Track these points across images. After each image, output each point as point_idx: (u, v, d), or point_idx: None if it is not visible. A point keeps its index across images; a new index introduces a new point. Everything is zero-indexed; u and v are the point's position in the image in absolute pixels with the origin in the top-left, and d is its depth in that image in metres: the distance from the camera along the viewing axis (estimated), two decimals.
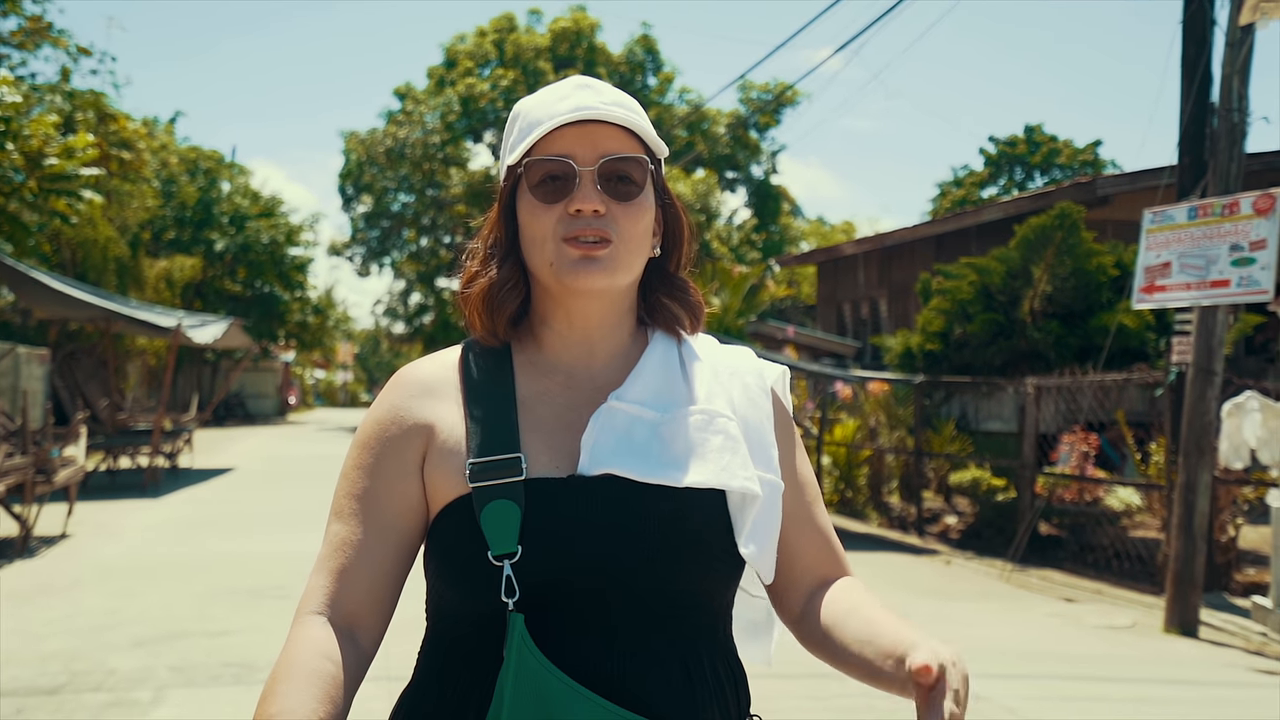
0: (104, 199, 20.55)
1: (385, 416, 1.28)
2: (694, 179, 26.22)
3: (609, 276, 1.24)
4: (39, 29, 16.65)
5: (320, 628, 1.19)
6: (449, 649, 1.23)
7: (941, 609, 7.71)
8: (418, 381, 1.31)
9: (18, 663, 5.65)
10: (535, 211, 1.25)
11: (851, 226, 41.23)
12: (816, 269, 22.24)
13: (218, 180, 32.91)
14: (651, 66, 31.17)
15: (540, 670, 1.12)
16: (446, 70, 29.93)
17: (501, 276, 1.30)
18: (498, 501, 1.18)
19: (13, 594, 7.47)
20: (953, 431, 12.60)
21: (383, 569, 1.23)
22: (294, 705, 1.08)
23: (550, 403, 1.28)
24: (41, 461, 9.41)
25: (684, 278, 1.38)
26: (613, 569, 1.17)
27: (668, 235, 1.36)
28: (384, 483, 1.25)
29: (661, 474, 1.21)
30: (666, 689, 1.17)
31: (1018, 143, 41.45)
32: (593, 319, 1.30)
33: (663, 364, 1.33)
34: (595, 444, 1.22)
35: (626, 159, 1.25)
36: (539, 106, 1.28)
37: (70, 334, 19.21)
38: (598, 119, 1.24)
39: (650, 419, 1.26)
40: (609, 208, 1.24)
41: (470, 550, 1.17)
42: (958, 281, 11.35)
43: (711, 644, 1.24)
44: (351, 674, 1.17)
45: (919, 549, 10.79)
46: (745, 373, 1.37)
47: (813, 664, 4.89)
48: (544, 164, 1.25)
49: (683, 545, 1.20)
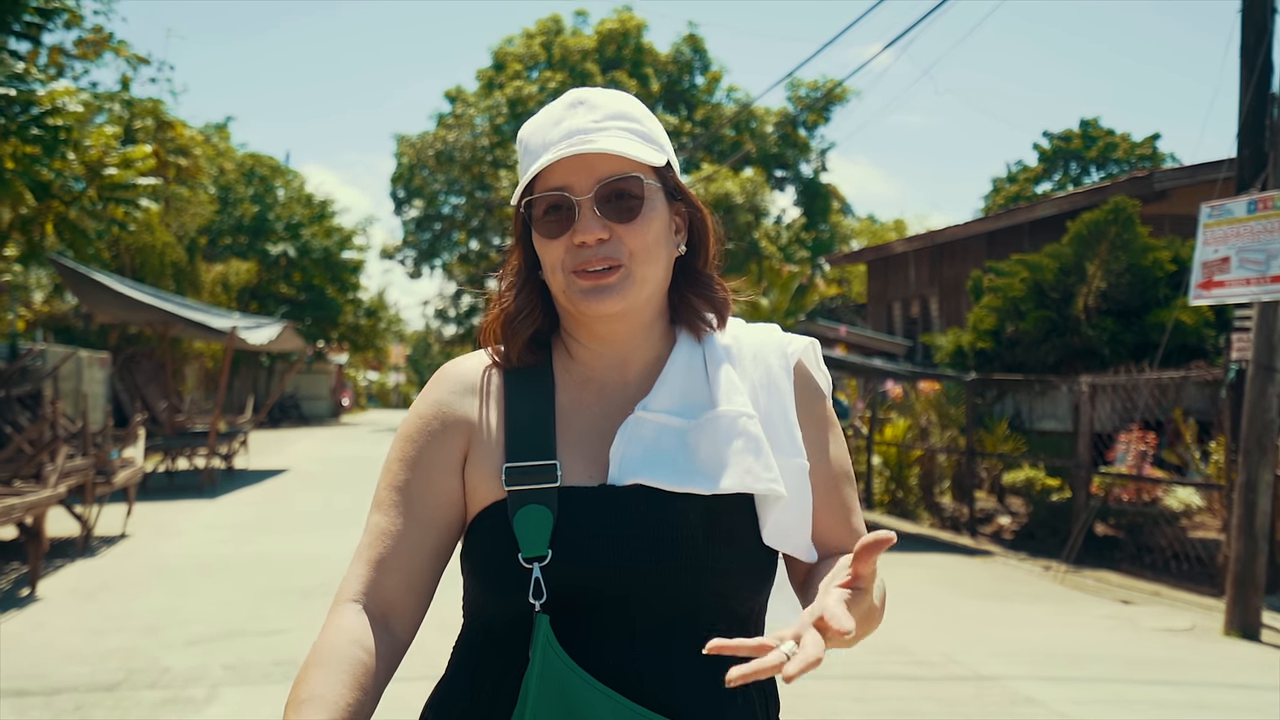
0: (161, 206, 20.98)
1: (429, 411, 1.31)
2: (742, 178, 26.11)
3: (623, 300, 1.24)
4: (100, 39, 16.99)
5: (355, 616, 1.21)
6: (480, 647, 1.25)
7: (992, 610, 7.60)
8: (459, 379, 1.33)
9: (78, 660, 5.78)
10: (543, 245, 1.27)
11: (903, 224, 40.84)
12: (866, 267, 22.05)
13: (273, 186, 33.42)
14: (699, 65, 31.12)
15: (564, 670, 1.13)
16: (495, 73, 30.13)
17: (516, 307, 1.32)
18: (531, 506, 1.20)
19: (74, 592, 7.64)
20: (1006, 431, 12.42)
21: (420, 560, 1.25)
22: (324, 691, 1.11)
23: (585, 413, 1.30)
24: (101, 463, 9.62)
25: (711, 273, 1.37)
26: (639, 576, 1.18)
27: (692, 233, 1.35)
28: (424, 476, 1.27)
29: (689, 482, 1.22)
30: (690, 691, 1.18)
31: (1073, 137, 40.80)
32: (620, 334, 1.31)
33: (686, 369, 1.32)
34: (624, 455, 1.23)
35: (622, 179, 1.24)
36: (535, 134, 1.29)
37: (130, 338, 19.62)
38: (585, 151, 1.22)
39: (677, 427, 1.26)
40: (613, 230, 1.24)
41: (502, 552, 1.20)
42: (1009, 279, 11.20)
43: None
44: (384, 662, 1.19)
45: (971, 550, 10.66)
46: (769, 352, 1.36)
47: (859, 664, 4.84)
48: (543, 199, 1.25)
49: (710, 553, 1.21)
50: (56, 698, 5.10)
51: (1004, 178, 42.33)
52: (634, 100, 1.34)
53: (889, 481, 13.71)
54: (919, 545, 10.87)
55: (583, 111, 1.27)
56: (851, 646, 1.14)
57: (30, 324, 18.90)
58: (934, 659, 6.04)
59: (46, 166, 10.41)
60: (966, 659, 6.05)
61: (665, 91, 30.09)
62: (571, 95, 1.31)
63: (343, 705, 1.10)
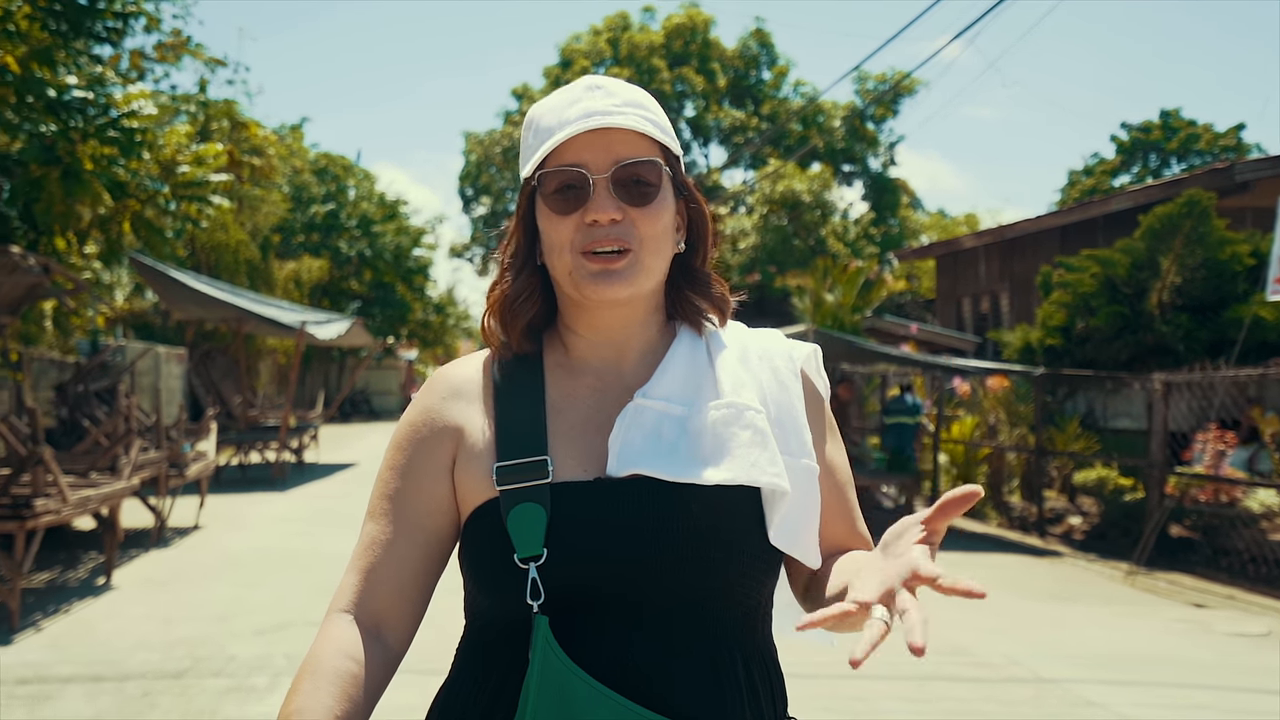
0: (234, 204, 21.46)
1: (417, 419, 1.30)
2: (809, 174, 25.90)
3: (629, 286, 1.23)
4: (179, 43, 17.41)
5: (346, 626, 1.21)
6: (482, 649, 1.24)
7: (1057, 612, 7.45)
8: (448, 384, 1.32)
9: (147, 647, 5.94)
10: (552, 222, 1.24)
11: (974, 219, 40.11)
12: (935, 263, 21.73)
13: (345, 185, 33.99)
14: (766, 60, 30.92)
15: (564, 671, 1.12)
16: (562, 70, 30.29)
17: (516, 288, 1.30)
18: (524, 505, 1.18)
19: (147, 581, 7.86)
20: (1077, 429, 12.16)
21: (411, 569, 1.25)
22: (312, 704, 1.12)
23: (579, 405, 1.28)
24: (174, 456, 9.87)
25: (708, 271, 1.36)
26: (640, 571, 1.16)
27: (691, 231, 1.33)
28: (414, 483, 1.26)
29: (690, 473, 1.19)
30: (692, 690, 1.16)
31: (1153, 128, 39.71)
32: (617, 323, 1.29)
33: (689, 358, 1.30)
34: (623, 444, 1.21)
35: (641, 163, 1.23)
36: (550, 113, 1.26)
37: (206, 334, 20.10)
38: (608, 126, 1.22)
39: (678, 415, 1.24)
40: (626, 213, 1.22)
41: (497, 553, 1.18)
42: (1079, 274, 10.96)
43: (745, 644, 1.22)
44: (376, 672, 1.19)
45: (1038, 550, 10.46)
46: (775, 355, 1.35)
47: (916, 665, 4.76)
48: (558, 174, 1.23)
49: (712, 545, 1.18)
50: (126, 684, 5.25)
51: (1080, 171, 41.38)
52: (647, 94, 1.33)
53: (955, 479, 13.51)
54: (985, 545, 10.70)
55: (601, 95, 1.26)
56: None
57: (111, 321, 19.47)
58: (994, 660, 5.94)
59: (123, 167, 10.70)
60: (1027, 660, 5.94)
61: (731, 86, 29.97)
62: (589, 79, 1.30)
63: (330, 718, 1.11)
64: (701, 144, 30.55)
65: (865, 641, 0.92)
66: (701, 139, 30.35)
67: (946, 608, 7.37)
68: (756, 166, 29.53)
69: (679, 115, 29.47)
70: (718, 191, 29.14)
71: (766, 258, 24.75)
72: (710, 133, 29.90)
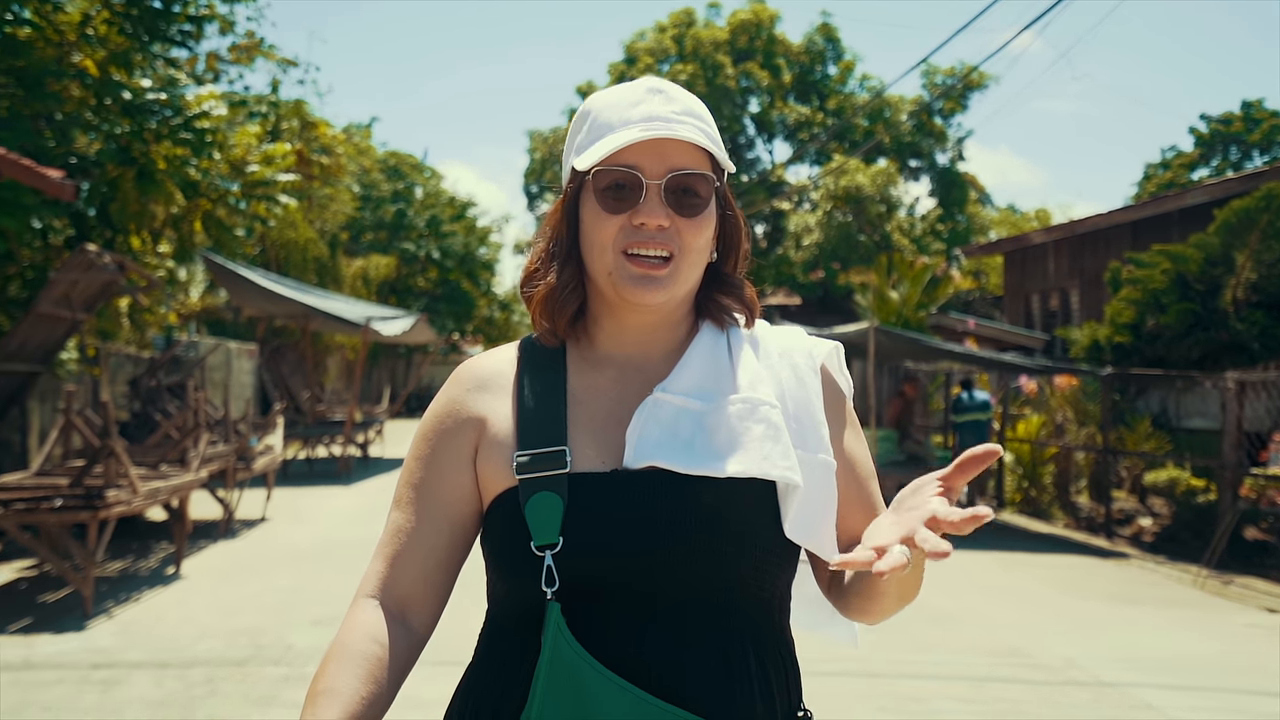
0: (304, 201, 21.86)
1: (442, 410, 1.33)
2: (875, 169, 25.62)
3: (667, 293, 1.25)
4: (252, 45, 17.78)
5: (371, 611, 1.25)
6: (502, 635, 1.27)
7: (1122, 614, 7.29)
8: (473, 377, 1.35)
9: (212, 635, 6.10)
10: (599, 218, 1.26)
11: (1046, 214, 39.33)
12: (1003, 259, 21.35)
13: (412, 184, 34.44)
14: (832, 55, 30.65)
15: (574, 658, 1.14)
16: (627, 67, 30.33)
17: (563, 280, 1.31)
18: (542, 494, 1.21)
19: (214, 571, 8.06)
20: (1149, 428, 11.88)
21: (435, 556, 1.28)
22: (339, 685, 1.16)
23: (601, 397, 1.30)
24: (242, 450, 10.10)
25: (739, 277, 1.37)
26: (653, 561, 1.18)
27: (724, 239, 1.35)
28: (438, 473, 1.30)
29: (704, 465, 1.21)
30: (703, 680, 1.17)
31: (1233, 120, 38.56)
32: (646, 325, 1.32)
33: (710, 354, 1.32)
34: (640, 437, 1.23)
35: (694, 174, 1.25)
36: (610, 109, 1.28)
37: (276, 330, 20.51)
38: (670, 136, 1.23)
39: (696, 409, 1.26)
40: (674, 221, 1.24)
41: (515, 540, 1.21)
42: (1149, 270, 10.70)
43: (759, 636, 1.23)
44: (400, 655, 1.23)
45: (1106, 551, 10.24)
46: (795, 352, 1.36)
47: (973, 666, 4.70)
48: (611, 172, 1.25)
49: (724, 537, 1.20)
50: (191, 670, 5.40)
51: (1156, 165, 40.36)
52: (702, 104, 1.35)
53: (1021, 479, 13.28)
54: (1051, 546, 10.51)
55: (661, 100, 1.27)
56: (891, 608, 1.24)
57: (185, 317, 19.96)
58: (1053, 663, 5.84)
59: (195, 166, 10.97)
60: (1087, 663, 5.82)
61: (797, 82, 29.75)
62: (649, 82, 1.31)
63: (357, 698, 1.15)
64: (766, 140, 30.40)
65: (885, 563, 0.95)
66: (766, 135, 30.19)
67: (1007, 609, 7.26)
68: (821, 163, 29.30)
69: (743, 111, 29.34)
70: (782, 187, 28.98)
71: (831, 254, 24.55)
72: (775, 128, 29.72)
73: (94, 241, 11.02)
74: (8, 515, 6.44)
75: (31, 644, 5.87)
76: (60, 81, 10.37)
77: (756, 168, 30.28)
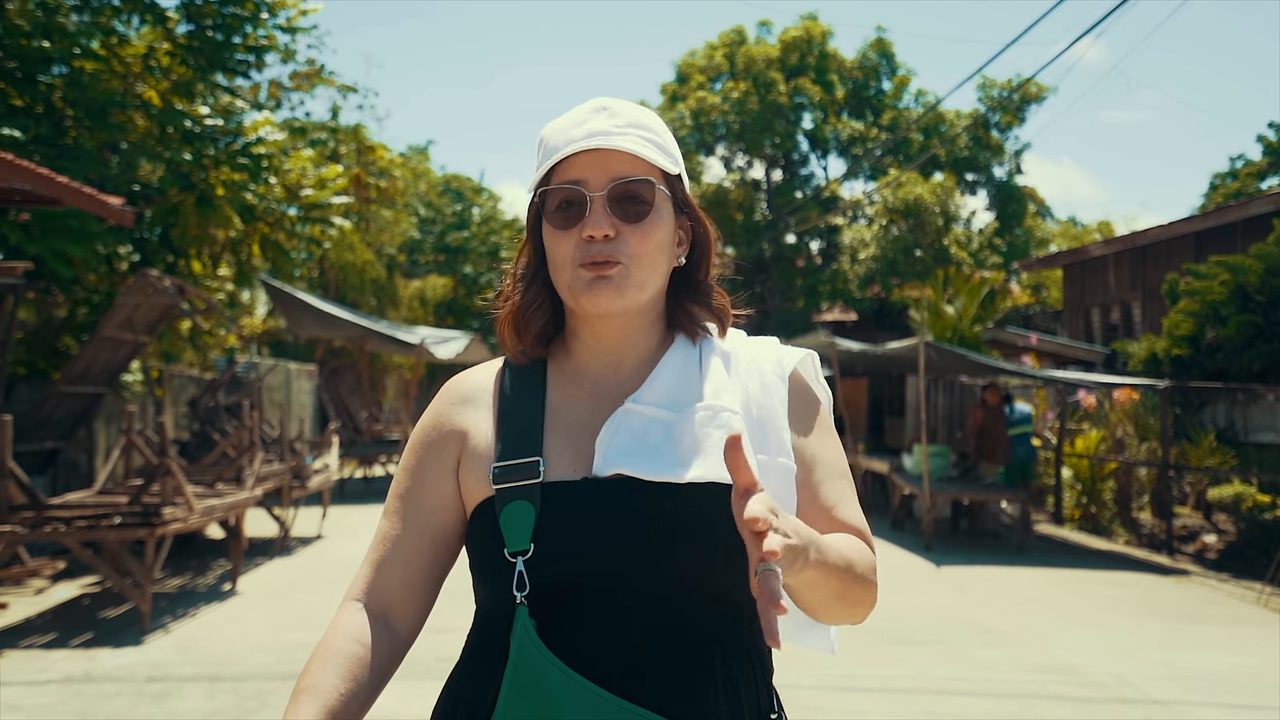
0: (361, 224, 22.23)
1: (428, 424, 1.40)
2: (931, 183, 25.37)
3: (620, 297, 1.28)
4: (313, 72, 18.20)
5: (355, 613, 1.31)
6: (480, 636, 1.32)
7: (1179, 633, 7.13)
8: (458, 392, 1.41)
9: (264, 650, 6.22)
10: (554, 237, 1.31)
11: (1108, 226, 38.65)
12: (1063, 272, 21.02)
13: (471, 206, 34.83)
14: (886, 70, 30.44)
15: (540, 660, 1.19)
16: (679, 85, 30.38)
17: (527, 300, 1.37)
18: (516, 502, 1.26)
19: (269, 588, 8.21)
20: (1213, 443, 11.60)
21: (418, 562, 1.34)
22: (319, 683, 1.22)
23: (577, 409, 1.35)
24: (297, 468, 10.28)
25: (710, 283, 1.41)
26: (620, 566, 1.22)
27: (694, 245, 1.39)
28: (422, 483, 1.36)
29: (667, 471, 1.25)
30: (666, 682, 1.20)
31: None
32: (616, 333, 1.35)
33: (681, 365, 1.36)
34: (609, 446, 1.27)
35: (635, 181, 1.29)
36: (557, 133, 1.33)
37: (334, 351, 20.88)
38: (606, 147, 1.28)
39: (665, 419, 1.30)
40: (619, 230, 1.28)
41: (491, 548, 1.27)
42: (1208, 282, 10.49)
43: (725, 639, 1.25)
44: (383, 655, 1.29)
45: (1166, 569, 10.01)
46: (763, 360, 1.40)
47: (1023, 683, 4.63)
48: (559, 191, 1.30)
49: (687, 541, 1.23)
50: (243, 684, 5.51)
51: (1224, 174, 39.45)
52: (654, 115, 1.38)
53: (1080, 495, 13.04)
54: (1109, 563, 10.30)
55: (605, 116, 1.32)
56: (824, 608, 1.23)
57: (246, 339, 20.40)
58: (1104, 681, 5.73)
59: (251, 191, 11.25)
60: (1139, 682, 5.71)
61: (850, 97, 29.60)
62: (596, 101, 1.35)
63: (336, 695, 1.20)
64: (820, 156, 30.25)
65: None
66: (819, 151, 30.04)
67: (1062, 626, 7.14)
68: (876, 177, 29.09)
69: (796, 127, 29.22)
70: (835, 203, 28.82)
71: (887, 269, 24.34)
72: (828, 144, 29.56)
73: (156, 266, 11.34)
74: (70, 532, 6.63)
75: (93, 657, 6.04)
76: (125, 112, 10.72)
77: (810, 184, 30.15)
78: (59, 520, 6.79)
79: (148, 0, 10.86)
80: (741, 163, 29.73)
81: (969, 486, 11.56)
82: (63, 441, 9.90)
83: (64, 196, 7.35)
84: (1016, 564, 10.06)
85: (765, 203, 29.54)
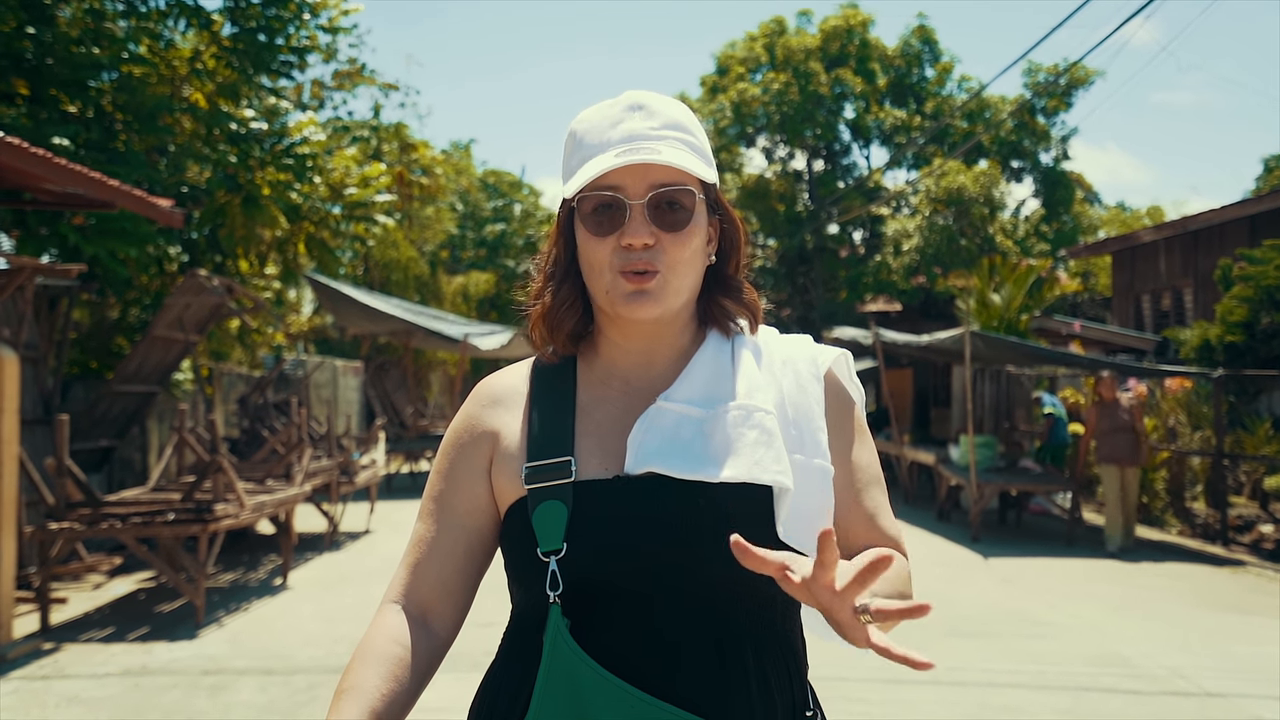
0: (404, 221, 22.41)
1: (460, 426, 1.40)
2: (976, 170, 25.07)
3: (659, 306, 1.28)
4: (354, 71, 18.36)
5: (394, 615, 1.32)
6: (515, 637, 1.33)
7: (1233, 624, 7.01)
8: (489, 393, 1.41)
9: (314, 644, 6.30)
10: (590, 242, 1.30)
11: (1159, 211, 37.94)
12: (1111, 259, 20.69)
13: (512, 202, 34.97)
14: (929, 58, 30.10)
15: (573, 659, 1.19)
16: (719, 77, 30.26)
17: (559, 299, 1.36)
18: (549, 502, 1.26)
19: (318, 582, 8.32)
20: (1269, 431, 11.37)
21: (453, 563, 1.35)
22: (361, 683, 1.23)
23: (608, 408, 1.34)
24: (344, 464, 10.39)
25: (740, 279, 1.40)
26: (652, 564, 1.22)
27: (724, 241, 1.38)
28: (455, 485, 1.36)
29: (700, 470, 1.24)
30: (698, 679, 1.20)
31: None
32: (649, 333, 1.35)
33: (713, 362, 1.35)
34: (641, 444, 1.27)
35: (676, 189, 1.28)
36: (592, 131, 1.31)
37: (380, 348, 21.07)
38: (650, 161, 1.25)
39: (697, 417, 1.29)
40: (659, 238, 1.27)
41: (524, 547, 1.27)
42: (1263, 266, 10.29)
43: (759, 636, 1.25)
44: (422, 656, 1.29)
45: (1221, 559, 9.84)
46: (798, 359, 1.39)
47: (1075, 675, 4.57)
48: (595, 196, 1.28)
49: (719, 539, 1.21)
50: (294, 677, 5.59)
51: (1278, 155, 38.59)
52: (687, 110, 1.36)
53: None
54: (1162, 554, 10.14)
55: (641, 117, 1.30)
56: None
57: (294, 337, 20.65)
58: (1157, 673, 5.65)
59: (296, 191, 11.38)
60: (1194, 674, 5.62)
61: (892, 86, 29.29)
62: (629, 98, 1.33)
63: (378, 695, 1.22)
64: (862, 145, 29.97)
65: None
66: (862, 140, 29.76)
67: (1114, 618, 7.04)
68: (919, 166, 28.80)
69: (838, 117, 28.99)
70: (879, 193, 28.57)
71: (932, 258, 24.11)
72: (870, 133, 29.28)
73: (205, 266, 11.50)
74: (126, 529, 6.76)
75: (149, 651, 6.16)
76: (172, 115, 10.88)
77: (853, 174, 29.90)
78: (115, 517, 6.93)
79: (193, 4, 11.01)
80: (783, 154, 29.54)
81: (1016, 478, 11.44)
82: (117, 440, 10.09)
83: (116, 199, 7.48)
84: (1066, 555, 9.94)
85: (807, 193, 29.34)
